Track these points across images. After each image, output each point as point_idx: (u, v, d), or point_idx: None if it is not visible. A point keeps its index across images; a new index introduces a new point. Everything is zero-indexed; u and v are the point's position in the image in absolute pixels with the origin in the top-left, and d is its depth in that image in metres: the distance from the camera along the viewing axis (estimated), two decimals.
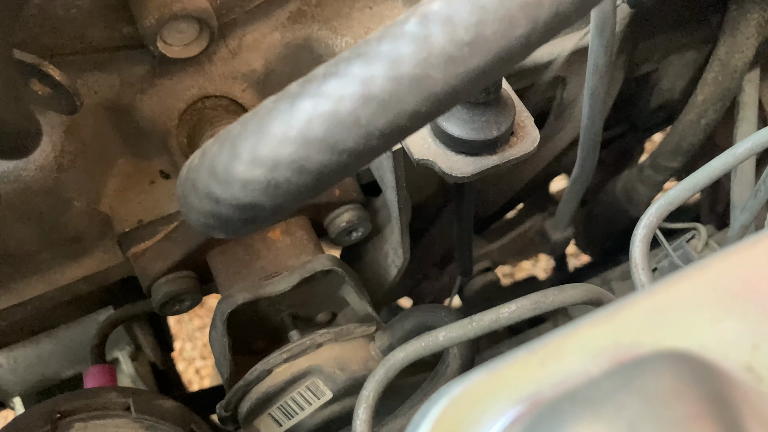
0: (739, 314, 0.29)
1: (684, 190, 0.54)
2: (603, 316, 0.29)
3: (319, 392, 0.59)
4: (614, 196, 0.97)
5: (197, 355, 2.02)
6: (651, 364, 0.24)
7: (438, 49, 0.31)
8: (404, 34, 0.31)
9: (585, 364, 0.27)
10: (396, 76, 0.31)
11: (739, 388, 0.25)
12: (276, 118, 0.32)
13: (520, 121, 0.51)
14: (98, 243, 0.65)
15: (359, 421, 0.46)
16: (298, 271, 0.61)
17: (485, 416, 0.27)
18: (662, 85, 0.88)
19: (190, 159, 0.35)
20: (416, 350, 0.48)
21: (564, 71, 0.72)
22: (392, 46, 0.31)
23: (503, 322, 0.48)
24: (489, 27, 0.31)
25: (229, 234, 0.36)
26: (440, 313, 0.58)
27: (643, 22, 0.74)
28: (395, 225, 0.65)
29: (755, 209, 0.66)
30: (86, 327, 0.79)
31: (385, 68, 0.31)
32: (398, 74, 0.31)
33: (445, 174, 0.50)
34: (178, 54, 0.56)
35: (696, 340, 0.28)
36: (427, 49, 0.31)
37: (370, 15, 0.63)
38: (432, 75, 0.31)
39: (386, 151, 0.34)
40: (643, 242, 0.52)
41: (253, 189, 0.32)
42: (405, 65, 0.31)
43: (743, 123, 0.86)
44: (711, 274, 0.30)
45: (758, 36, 0.72)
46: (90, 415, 0.51)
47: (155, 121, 0.61)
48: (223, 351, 0.61)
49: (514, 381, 0.27)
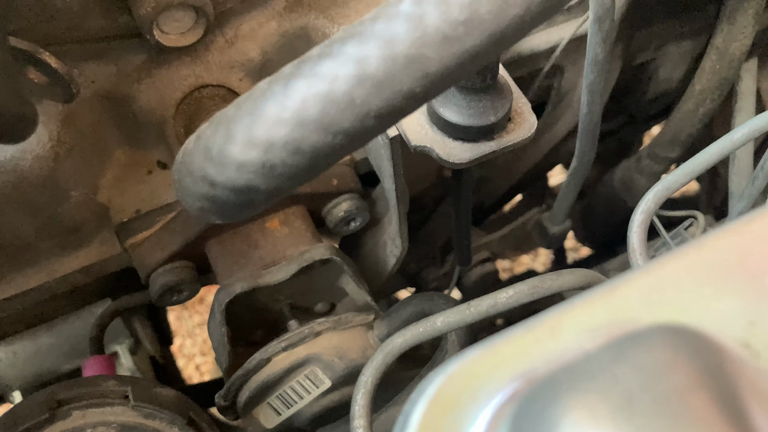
0: (736, 291, 0.29)
1: (682, 175, 0.54)
2: (599, 293, 0.29)
3: (318, 381, 0.59)
4: (612, 186, 0.97)
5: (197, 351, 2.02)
6: (646, 338, 0.24)
7: (433, 29, 0.30)
8: (399, 14, 0.31)
9: (580, 341, 0.27)
10: (391, 55, 0.31)
11: (736, 362, 0.25)
12: (270, 99, 0.32)
13: (517, 108, 0.51)
14: (96, 233, 0.65)
15: (358, 407, 0.46)
16: (297, 261, 0.61)
17: (481, 393, 0.27)
18: (660, 75, 0.88)
19: (185, 143, 0.35)
20: (414, 335, 0.48)
21: (561, 60, 0.72)
22: (387, 25, 0.31)
23: (501, 307, 0.48)
24: (484, 6, 0.31)
25: (225, 218, 0.35)
26: (438, 301, 0.58)
27: (640, 10, 0.74)
28: (393, 214, 0.65)
29: (753, 197, 0.66)
30: (85, 321, 0.79)
31: (379, 48, 0.31)
32: (393, 54, 0.31)
33: (443, 160, 0.50)
34: (175, 43, 0.56)
35: (692, 316, 0.28)
36: (421, 28, 0.30)
37: (367, 4, 0.63)
38: (427, 54, 0.31)
39: (381, 133, 0.33)
40: (640, 228, 0.52)
41: (248, 171, 0.32)
42: (400, 45, 0.31)
43: (741, 112, 0.86)
44: (707, 251, 0.30)
45: (755, 25, 0.72)
46: (88, 403, 0.51)
47: (152, 111, 0.61)
48: (221, 341, 0.61)
49: (510, 358, 0.27)
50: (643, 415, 0.21)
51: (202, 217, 0.36)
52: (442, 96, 0.48)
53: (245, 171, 0.32)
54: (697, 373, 0.22)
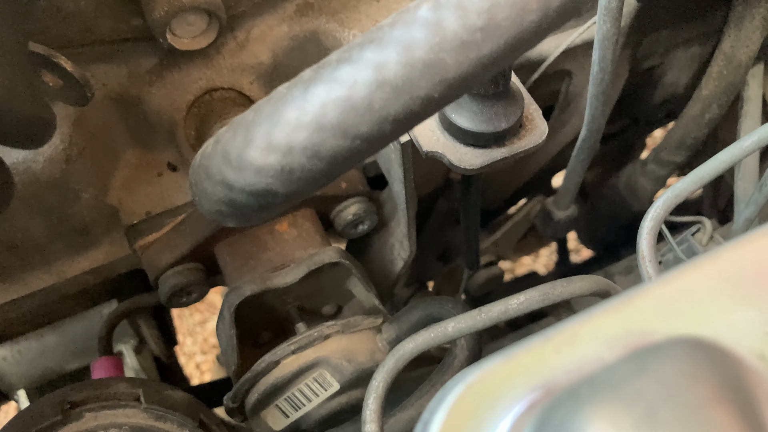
0: (751, 303, 0.29)
1: (691, 182, 0.55)
2: (616, 304, 0.30)
3: (327, 384, 0.59)
4: (617, 190, 0.97)
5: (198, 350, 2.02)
6: (667, 350, 0.24)
7: (451, 34, 0.31)
8: (417, 20, 0.31)
9: (599, 352, 0.28)
10: (409, 61, 0.31)
11: (754, 374, 0.25)
12: (290, 103, 0.32)
13: (528, 114, 0.51)
14: (106, 235, 0.65)
15: (369, 411, 0.46)
16: (305, 264, 0.61)
17: (501, 402, 0.27)
18: (666, 80, 0.88)
19: (203, 146, 0.35)
20: (425, 341, 0.49)
21: (569, 65, 0.73)
22: (405, 31, 0.31)
23: (512, 313, 0.48)
24: (501, 12, 0.31)
25: (242, 222, 0.36)
26: (447, 305, 0.59)
27: (648, 16, 0.74)
28: (401, 217, 0.66)
29: (760, 203, 0.67)
30: (90, 320, 0.79)
31: (398, 53, 0.31)
32: (411, 59, 0.31)
33: (454, 166, 0.50)
34: (187, 46, 0.56)
35: (709, 328, 0.29)
36: (440, 34, 0.31)
37: (378, 8, 0.63)
38: (445, 60, 0.31)
39: (398, 137, 0.34)
40: (650, 234, 0.52)
41: (267, 175, 0.32)
42: (418, 50, 0.31)
43: (747, 118, 0.86)
44: (722, 263, 0.31)
45: (763, 30, 0.73)
46: (100, 405, 0.51)
47: (163, 113, 0.61)
48: (230, 343, 0.61)
49: (529, 368, 0.28)
50: (666, 428, 0.21)
51: (219, 220, 0.36)
52: (454, 102, 0.48)
53: (264, 175, 0.32)
54: (718, 385, 0.22)
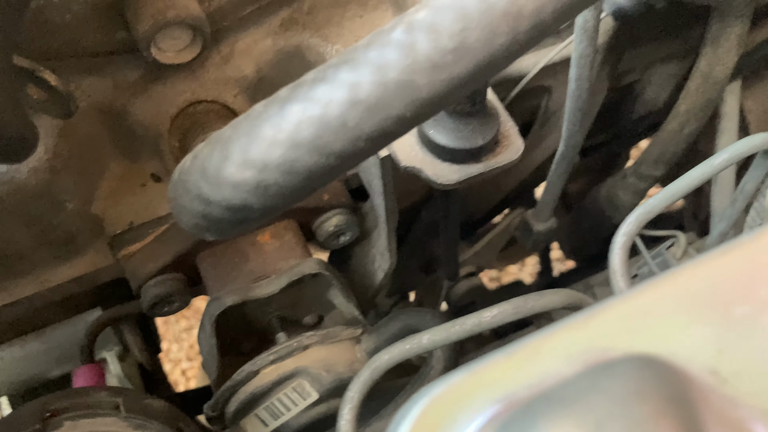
0: (707, 320, 0.31)
1: (663, 199, 0.56)
2: (578, 320, 0.31)
3: (306, 393, 0.60)
4: (598, 202, 0.98)
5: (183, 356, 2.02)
6: (619, 367, 0.25)
7: (423, 56, 0.32)
8: (390, 41, 0.32)
9: (560, 367, 0.29)
10: (382, 81, 0.32)
11: (701, 390, 0.26)
12: (266, 121, 0.33)
13: (504, 131, 0.52)
14: (90, 244, 0.66)
15: (344, 421, 0.47)
16: (287, 274, 0.62)
17: (463, 415, 0.28)
18: (646, 95, 0.90)
19: (182, 162, 0.36)
20: (400, 352, 0.50)
21: (549, 81, 0.74)
22: (379, 52, 0.32)
23: (485, 325, 0.49)
24: (472, 35, 0.32)
25: (219, 235, 0.37)
26: (425, 317, 0.60)
27: (627, 34, 0.76)
28: (382, 230, 0.67)
29: (733, 218, 0.68)
30: (74, 327, 0.80)
31: (371, 74, 0.32)
32: (384, 80, 0.32)
33: (432, 181, 0.51)
34: (172, 60, 0.57)
35: (665, 344, 0.30)
36: (412, 55, 0.32)
37: (361, 23, 0.64)
38: (417, 81, 0.32)
39: (373, 155, 0.35)
40: (622, 250, 0.53)
41: (243, 190, 0.33)
42: (391, 71, 0.32)
43: (724, 133, 0.88)
44: (681, 281, 0.32)
45: (738, 49, 0.74)
46: (80, 414, 0.52)
47: (148, 125, 0.62)
48: (211, 352, 0.62)
49: (491, 381, 0.29)
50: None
51: (197, 234, 0.37)
52: (432, 119, 0.49)
53: (240, 190, 0.33)
54: (664, 402, 0.23)
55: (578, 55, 0.60)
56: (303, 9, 0.63)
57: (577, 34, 0.59)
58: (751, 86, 0.91)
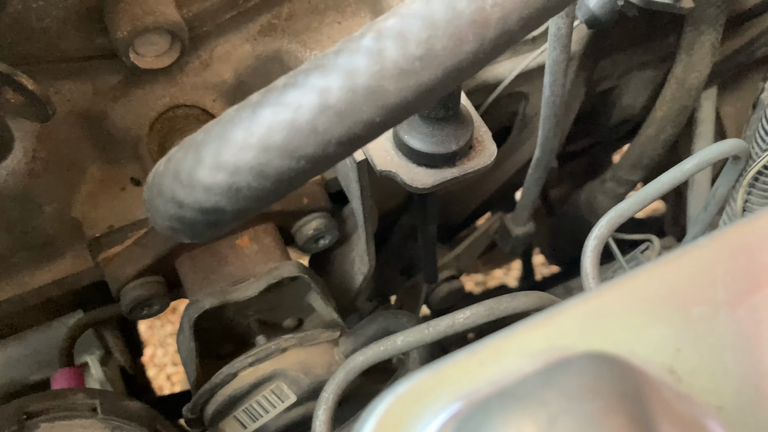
0: (666, 320, 0.32)
1: (634, 203, 0.57)
2: (540, 320, 0.31)
3: (284, 395, 0.61)
4: (578, 207, 0.99)
5: (169, 361, 2.01)
6: (574, 365, 0.26)
7: (391, 63, 0.33)
8: (360, 48, 0.33)
9: (521, 365, 0.30)
10: (351, 87, 0.33)
11: (657, 388, 0.27)
12: (238, 125, 0.34)
13: (478, 136, 0.53)
14: (69, 247, 0.66)
15: (319, 422, 0.48)
16: (265, 278, 0.63)
17: (426, 413, 0.29)
18: (623, 101, 0.91)
19: (156, 165, 0.36)
20: (375, 354, 0.50)
21: (525, 87, 0.75)
22: (348, 59, 0.33)
23: (459, 327, 0.50)
24: (439, 42, 0.33)
25: (194, 238, 0.37)
26: (402, 319, 0.60)
27: (602, 41, 0.77)
28: (361, 233, 0.67)
29: (706, 222, 0.69)
30: (55, 331, 0.80)
31: (341, 79, 0.33)
32: (354, 85, 0.33)
33: (407, 185, 0.52)
34: (150, 65, 0.58)
35: (625, 343, 0.31)
36: (380, 62, 0.33)
37: (339, 30, 0.65)
38: (385, 87, 0.33)
39: (343, 159, 0.36)
40: (594, 252, 0.54)
41: (215, 193, 0.34)
42: (360, 77, 0.33)
43: (700, 138, 0.90)
44: (641, 282, 0.33)
45: (712, 56, 0.76)
46: (57, 416, 0.52)
47: (127, 129, 0.63)
48: (190, 355, 0.62)
49: (454, 380, 0.30)
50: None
51: (172, 236, 0.37)
52: (406, 124, 0.50)
53: (212, 193, 0.34)
54: (616, 398, 0.24)
55: (552, 62, 0.61)
56: (282, 15, 0.63)
57: (551, 41, 0.60)
58: (727, 93, 0.92)
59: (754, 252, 0.33)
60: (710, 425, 0.28)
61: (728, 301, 0.32)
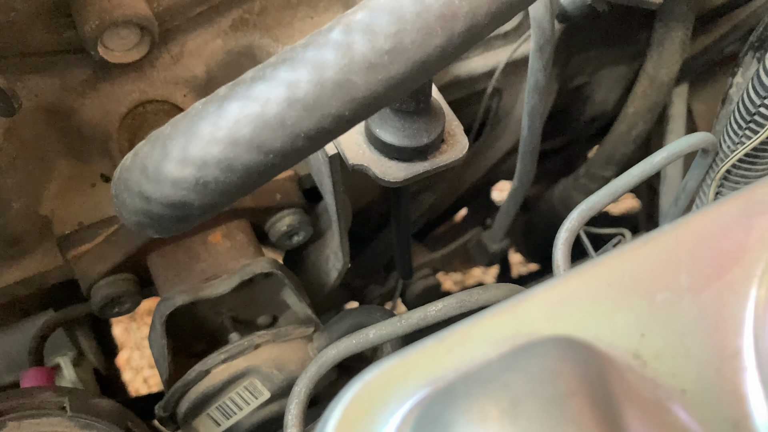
0: (630, 306, 0.32)
1: (604, 196, 0.57)
2: (507, 307, 0.32)
3: (257, 392, 0.60)
4: (552, 203, 1.00)
5: (146, 364, 2.00)
6: (538, 348, 0.26)
7: (360, 56, 0.33)
8: (328, 42, 0.33)
9: (486, 351, 0.30)
10: (320, 80, 0.33)
11: (618, 370, 0.27)
12: (205, 119, 0.33)
13: (450, 130, 0.53)
14: (38, 245, 0.65)
15: (291, 416, 0.48)
16: (238, 274, 0.62)
17: (393, 398, 0.29)
18: (596, 98, 0.92)
19: (123, 159, 0.36)
20: (348, 347, 0.50)
21: (499, 83, 0.75)
22: (317, 52, 0.33)
23: (431, 319, 0.50)
24: (407, 36, 0.33)
25: (162, 233, 0.37)
26: (375, 314, 0.60)
27: (575, 37, 0.77)
28: (335, 229, 0.67)
29: (676, 216, 0.70)
30: (25, 332, 0.78)
31: (309, 73, 0.33)
32: (322, 79, 0.33)
33: (379, 179, 0.52)
34: (119, 59, 0.57)
35: (590, 329, 0.31)
36: (349, 55, 0.33)
37: (312, 24, 0.65)
38: (354, 80, 0.33)
39: (313, 153, 0.35)
40: (565, 245, 0.55)
41: (182, 187, 0.34)
42: (328, 71, 0.33)
43: (672, 134, 0.91)
44: (607, 269, 0.33)
45: (682, 53, 0.77)
46: (24, 414, 0.51)
47: (96, 125, 0.62)
48: (162, 352, 0.61)
49: (422, 366, 0.30)
50: (527, 418, 0.23)
51: (140, 231, 0.37)
52: (378, 117, 0.50)
53: (180, 187, 0.34)
54: (578, 380, 0.24)
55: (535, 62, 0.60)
56: (254, 10, 0.63)
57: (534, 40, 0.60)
58: (698, 89, 0.93)
59: (717, 239, 0.34)
60: (674, 408, 0.28)
61: (691, 287, 0.32)
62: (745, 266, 0.32)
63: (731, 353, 0.30)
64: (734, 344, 0.30)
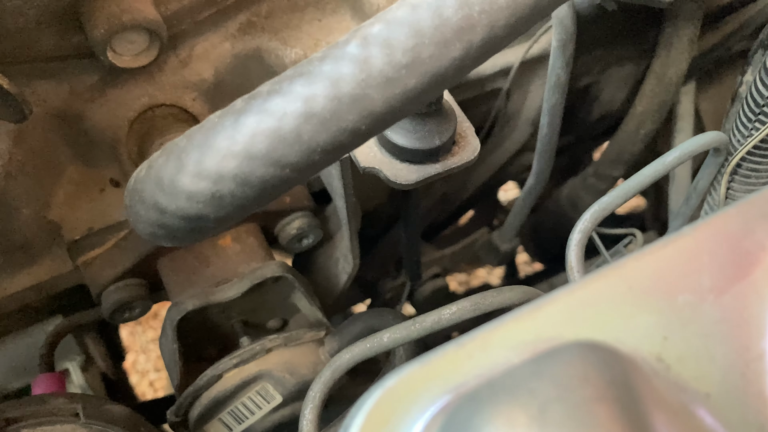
0: (652, 309, 0.32)
1: (617, 196, 0.57)
2: (527, 312, 0.31)
3: (269, 396, 0.60)
4: (560, 203, 1.00)
5: (151, 367, 2.00)
6: (562, 354, 0.26)
7: (377, 71, 0.32)
8: (345, 55, 0.33)
9: (508, 356, 0.29)
10: (337, 95, 0.32)
11: (646, 375, 0.27)
12: (221, 132, 0.33)
13: (461, 131, 0.53)
14: (47, 251, 0.65)
15: (306, 421, 0.47)
16: (248, 278, 0.62)
17: (416, 405, 0.28)
18: (603, 97, 0.92)
19: (137, 170, 0.36)
20: (362, 351, 0.50)
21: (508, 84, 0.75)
22: (334, 66, 0.33)
23: (444, 323, 0.49)
24: (425, 50, 0.33)
25: (176, 243, 0.37)
26: (387, 317, 0.60)
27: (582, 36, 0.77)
28: (345, 232, 0.67)
29: (687, 215, 0.70)
30: (34, 338, 0.78)
31: (326, 87, 0.32)
32: (339, 93, 0.32)
33: (390, 182, 0.51)
34: (128, 64, 0.57)
35: (612, 333, 0.31)
36: (366, 70, 0.32)
37: (319, 27, 0.65)
38: (371, 95, 0.33)
39: (328, 166, 0.35)
40: (578, 246, 0.54)
41: (198, 201, 0.33)
42: (345, 85, 0.32)
43: (680, 133, 0.90)
44: (627, 272, 0.33)
45: (691, 51, 0.76)
46: (38, 421, 0.51)
47: (105, 130, 0.62)
48: (173, 357, 0.61)
49: (443, 372, 0.29)
50: (555, 424, 0.23)
51: (154, 241, 0.37)
52: None
53: (195, 201, 0.33)
54: (605, 385, 0.24)
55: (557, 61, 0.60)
56: (261, 13, 0.63)
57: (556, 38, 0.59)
58: (705, 88, 0.93)
59: (737, 239, 0.33)
60: (699, 412, 0.28)
61: (713, 289, 0.32)
62: (766, 266, 0.32)
63: (755, 355, 0.29)
64: (758, 346, 0.30)
